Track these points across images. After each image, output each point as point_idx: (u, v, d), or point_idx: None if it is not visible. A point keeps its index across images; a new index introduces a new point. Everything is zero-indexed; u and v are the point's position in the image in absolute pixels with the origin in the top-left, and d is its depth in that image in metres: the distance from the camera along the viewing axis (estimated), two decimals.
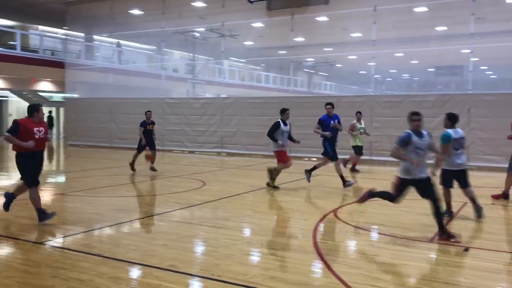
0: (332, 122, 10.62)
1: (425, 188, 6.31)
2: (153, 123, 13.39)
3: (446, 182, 7.56)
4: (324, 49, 30.59)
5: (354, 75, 39.34)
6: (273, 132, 10.48)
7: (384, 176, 13.83)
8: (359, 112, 14.24)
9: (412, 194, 6.55)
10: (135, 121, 22.51)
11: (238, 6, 20.77)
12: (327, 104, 11.07)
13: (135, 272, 5.06)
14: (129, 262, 5.24)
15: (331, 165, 10.86)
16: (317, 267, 5.25)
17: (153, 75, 26.22)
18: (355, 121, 14.12)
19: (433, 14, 20.86)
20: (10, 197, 7.10)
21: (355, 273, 4.96)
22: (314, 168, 10.94)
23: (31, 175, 6.77)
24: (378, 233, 6.89)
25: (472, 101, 15.27)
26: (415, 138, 6.18)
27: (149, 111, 13.47)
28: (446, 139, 7.28)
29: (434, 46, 23.96)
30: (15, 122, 6.66)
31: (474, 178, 9.01)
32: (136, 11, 24.10)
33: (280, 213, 8.17)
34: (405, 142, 6.18)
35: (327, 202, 9.05)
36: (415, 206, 8.32)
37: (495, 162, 14.81)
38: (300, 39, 25.67)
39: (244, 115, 19.55)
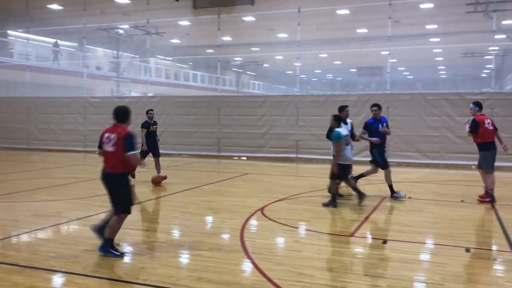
0: (380, 126, 9.29)
1: None
2: (155, 123, 11.74)
3: (340, 175, 8.46)
4: (252, 48, 30.90)
5: (281, 75, 40.14)
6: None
7: (310, 173, 14.25)
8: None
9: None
10: (55, 122, 21.65)
11: (164, 3, 20.43)
12: (373, 105, 9.44)
13: (55, 280, 4.82)
14: (48, 270, 4.99)
15: (258, 163, 10.98)
16: (244, 266, 5.30)
17: (75, 73, 25.12)
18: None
19: (354, 17, 21.75)
20: None
21: (281, 269, 5.06)
22: (361, 175, 9.59)
23: None
24: (304, 229, 7.08)
25: (390, 100, 16.11)
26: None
27: (151, 110, 11.73)
28: (337, 137, 8.22)
29: (355, 48, 25.02)
30: None
31: (393, 173, 9.52)
32: (55, 6, 22.93)
33: (208, 213, 8.13)
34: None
35: (255, 200, 9.14)
36: (339, 202, 8.64)
37: (412, 158, 15.75)
38: (227, 38, 25.75)
39: (171, 114, 19.28)
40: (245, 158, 17.76)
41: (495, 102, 14.81)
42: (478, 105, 9.28)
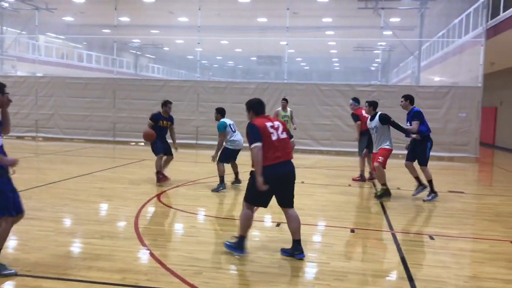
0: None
1: None
2: (170, 119, 9.69)
3: (225, 159, 8.93)
4: (151, 31, 29.96)
5: (181, 60, 39.47)
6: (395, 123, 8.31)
7: (208, 159, 14.28)
8: (285, 99, 12.80)
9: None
10: None
11: None
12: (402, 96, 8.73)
13: None
14: None
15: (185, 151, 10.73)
16: (138, 253, 5.19)
17: None
18: (279, 108, 12.74)
19: (254, 5, 21.98)
20: None
21: (176, 255, 5.05)
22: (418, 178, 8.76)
23: None
24: (201, 215, 7.11)
25: (287, 89, 16.63)
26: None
27: (169, 102, 9.62)
28: (222, 127, 8.81)
29: (255, 36, 25.35)
30: None
31: None
32: None
33: (100, 200, 7.81)
34: None
35: (151, 187, 8.97)
36: (236, 187, 8.80)
37: (306, 145, 16.48)
38: (125, 18, 24.69)
39: (62, 96, 18.14)
40: (143, 144, 17.31)
41: (381, 94, 15.96)
42: (357, 100, 10.68)
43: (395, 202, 8.29)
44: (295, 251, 5.13)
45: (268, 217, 7.10)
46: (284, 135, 5.05)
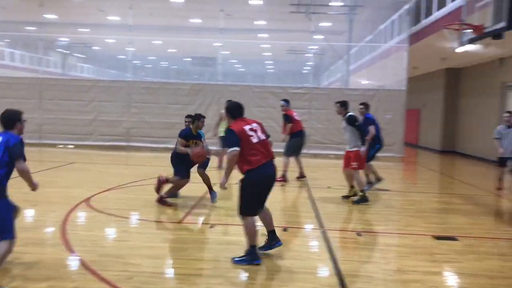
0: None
1: None
2: (199, 137, 7.75)
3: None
4: (80, 29, 28.89)
5: (112, 59, 38.33)
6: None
7: (141, 162, 14.01)
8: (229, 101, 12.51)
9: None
10: None
11: None
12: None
13: None
14: None
15: (86, 151, 10.40)
16: (66, 259, 5.00)
17: None
18: (223, 110, 12.10)
19: (187, 6, 21.86)
20: None
21: (106, 260, 4.91)
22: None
23: None
24: (132, 218, 6.96)
25: (222, 90, 16.66)
26: None
27: (202, 116, 7.74)
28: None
29: (189, 37, 25.18)
30: None
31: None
32: None
33: (25, 206, 7.40)
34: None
35: (81, 191, 8.64)
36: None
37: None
38: (51, 16, 23.65)
39: None
40: (72, 146, 16.65)
41: (313, 96, 16.42)
42: (287, 101, 10.86)
43: (326, 201, 8.55)
44: (274, 241, 5.21)
45: (203, 219, 7.07)
46: (263, 136, 5.09)
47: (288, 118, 10.61)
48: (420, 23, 15.98)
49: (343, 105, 8.48)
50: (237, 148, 4.81)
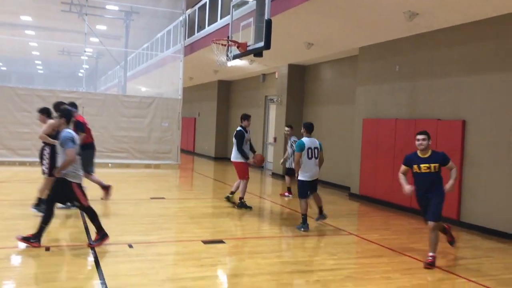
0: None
1: None
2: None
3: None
4: None
5: None
6: (241, 143, 9.21)
7: None
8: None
9: None
10: None
11: None
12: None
13: None
14: None
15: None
16: None
17: None
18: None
19: None
20: None
21: None
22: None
23: None
24: None
25: None
26: None
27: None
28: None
29: None
30: None
31: None
32: None
33: None
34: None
35: None
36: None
37: (1, 156, 14.73)
38: None
39: None
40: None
41: (86, 102, 15.53)
42: (74, 105, 8.61)
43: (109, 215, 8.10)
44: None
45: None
46: None
47: (79, 125, 8.40)
48: (194, 35, 16.71)
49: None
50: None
